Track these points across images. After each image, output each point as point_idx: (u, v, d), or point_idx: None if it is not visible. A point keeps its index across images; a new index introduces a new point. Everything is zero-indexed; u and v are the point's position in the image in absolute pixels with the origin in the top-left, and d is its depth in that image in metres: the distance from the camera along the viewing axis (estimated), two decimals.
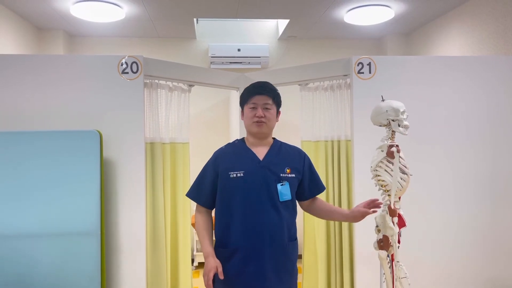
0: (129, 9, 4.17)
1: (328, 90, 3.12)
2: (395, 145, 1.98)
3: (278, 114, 2.04)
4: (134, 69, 2.75)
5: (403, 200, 2.08)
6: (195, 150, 3.86)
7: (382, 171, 2.00)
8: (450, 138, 2.94)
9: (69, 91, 2.71)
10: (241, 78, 3.33)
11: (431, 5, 4.18)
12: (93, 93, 2.72)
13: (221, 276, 1.85)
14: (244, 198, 1.91)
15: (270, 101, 1.98)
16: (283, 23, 4.88)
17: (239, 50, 5.08)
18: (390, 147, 1.98)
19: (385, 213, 1.97)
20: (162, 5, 4.07)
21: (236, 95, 3.47)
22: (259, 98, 1.96)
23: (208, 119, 5.18)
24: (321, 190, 2.11)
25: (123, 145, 2.71)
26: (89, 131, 2.53)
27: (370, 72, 2.90)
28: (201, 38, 5.24)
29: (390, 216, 1.97)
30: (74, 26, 4.70)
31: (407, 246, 2.37)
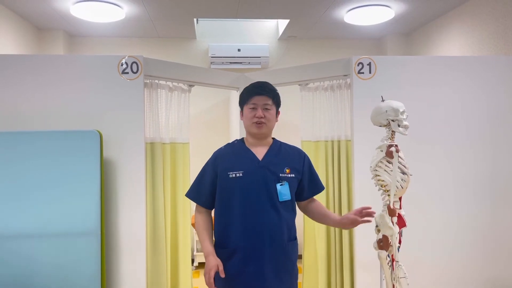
0: (129, 9, 4.17)
1: (328, 90, 3.12)
2: (394, 145, 1.99)
3: (278, 114, 2.04)
4: (134, 69, 2.75)
5: (403, 200, 2.08)
6: (195, 150, 3.86)
7: (382, 171, 2.00)
8: (450, 138, 2.94)
9: (69, 91, 2.71)
10: (241, 78, 3.33)
11: (431, 5, 4.18)
12: (93, 93, 2.72)
13: (222, 275, 1.85)
14: (244, 198, 1.91)
15: (270, 102, 1.97)
16: (283, 23, 4.88)
17: (239, 50, 5.08)
18: (389, 147, 1.99)
19: (385, 213, 1.97)
20: (162, 5, 4.07)
21: (236, 95, 3.46)
22: (259, 99, 1.96)
23: (208, 119, 5.18)
24: (320, 190, 2.11)
25: (123, 145, 2.72)
26: (89, 131, 2.53)
27: (370, 72, 2.90)
28: (201, 38, 5.24)
29: (390, 216, 1.97)
30: (74, 26, 4.70)
31: (407, 246, 2.37)
